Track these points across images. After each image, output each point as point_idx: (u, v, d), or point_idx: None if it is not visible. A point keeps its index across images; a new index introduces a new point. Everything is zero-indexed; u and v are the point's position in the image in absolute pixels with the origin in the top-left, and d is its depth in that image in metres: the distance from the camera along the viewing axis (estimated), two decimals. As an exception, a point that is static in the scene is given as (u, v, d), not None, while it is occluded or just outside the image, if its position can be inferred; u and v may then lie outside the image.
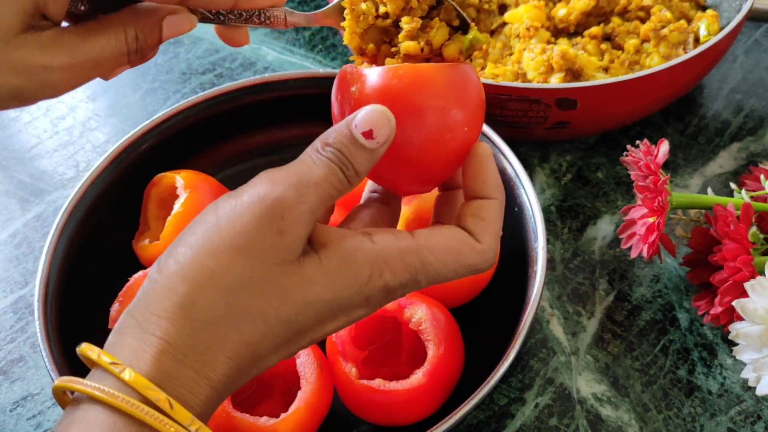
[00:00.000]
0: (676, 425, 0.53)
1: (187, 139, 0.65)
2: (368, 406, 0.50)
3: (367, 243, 0.34)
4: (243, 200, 0.33)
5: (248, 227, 0.32)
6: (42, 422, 0.56)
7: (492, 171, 0.37)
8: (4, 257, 0.67)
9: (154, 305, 0.31)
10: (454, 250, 0.35)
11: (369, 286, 0.34)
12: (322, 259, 0.33)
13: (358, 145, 0.34)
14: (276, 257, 0.32)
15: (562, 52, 0.67)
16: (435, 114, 0.35)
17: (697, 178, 0.69)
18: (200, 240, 0.32)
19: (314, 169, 0.33)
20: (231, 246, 0.32)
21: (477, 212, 0.37)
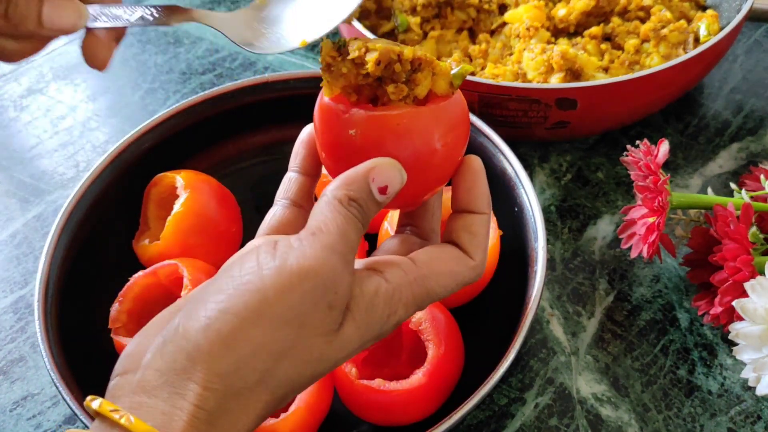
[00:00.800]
0: (676, 425, 0.53)
1: (187, 139, 0.65)
2: (368, 406, 0.50)
3: (382, 284, 0.35)
4: (292, 267, 0.32)
5: (299, 302, 0.32)
6: (42, 422, 0.56)
7: (484, 186, 0.39)
8: (4, 257, 0.67)
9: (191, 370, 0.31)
10: (453, 273, 0.37)
11: (387, 325, 0.35)
12: (355, 315, 0.34)
13: (374, 200, 0.35)
14: (323, 329, 0.33)
15: (562, 52, 0.67)
16: (430, 151, 0.36)
17: (697, 178, 0.69)
18: (244, 306, 0.31)
19: (350, 231, 0.34)
20: (279, 318, 0.31)
21: (469, 228, 0.38)
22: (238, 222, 0.61)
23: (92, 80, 0.84)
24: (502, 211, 0.58)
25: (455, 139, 0.37)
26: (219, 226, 0.59)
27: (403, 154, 0.35)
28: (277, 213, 0.40)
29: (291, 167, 0.41)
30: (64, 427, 0.56)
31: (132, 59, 0.85)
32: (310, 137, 0.40)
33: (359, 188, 0.34)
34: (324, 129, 0.37)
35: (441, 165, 0.37)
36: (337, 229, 0.33)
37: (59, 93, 0.82)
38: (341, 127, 0.36)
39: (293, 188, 0.40)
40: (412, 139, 0.35)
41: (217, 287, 0.32)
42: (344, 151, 0.36)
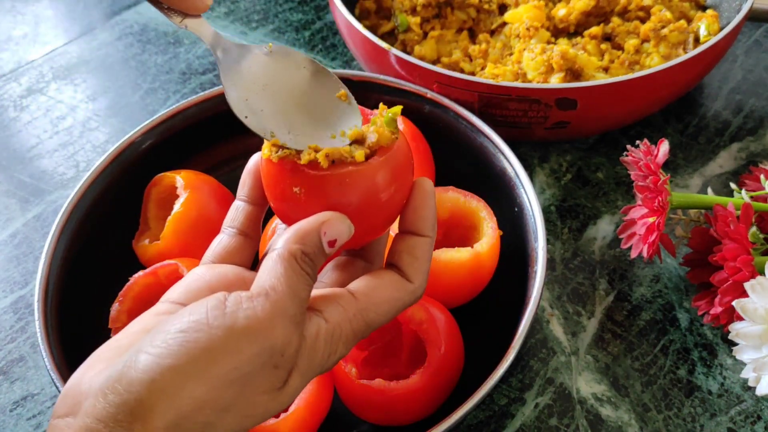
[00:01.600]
0: (676, 425, 0.53)
1: (187, 139, 0.65)
2: (368, 406, 0.50)
3: (322, 325, 0.35)
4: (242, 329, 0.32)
5: (246, 363, 0.32)
6: (42, 422, 0.56)
7: (431, 208, 0.39)
8: (4, 257, 0.67)
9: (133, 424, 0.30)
10: (392, 299, 0.37)
11: (327, 363, 0.35)
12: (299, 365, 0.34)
13: (324, 253, 0.36)
14: (268, 388, 0.33)
15: (562, 52, 0.67)
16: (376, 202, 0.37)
17: (697, 178, 0.69)
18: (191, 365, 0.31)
19: (301, 290, 0.34)
20: (225, 379, 0.31)
21: (411, 250, 0.38)
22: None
23: (92, 80, 0.84)
24: (502, 211, 0.58)
25: (400, 185, 0.38)
26: (219, 226, 0.58)
27: (349, 208, 0.36)
28: (223, 241, 0.41)
29: (238, 196, 0.41)
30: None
31: (132, 59, 0.85)
32: (257, 166, 0.41)
33: (312, 242, 0.35)
34: (269, 183, 0.38)
35: (386, 210, 0.38)
36: (289, 288, 0.33)
37: (59, 93, 0.82)
38: (286, 183, 0.37)
39: (240, 217, 0.41)
40: (357, 194, 0.36)
41: (163, 338, 0.31)
42: (290, 205, 0.37)
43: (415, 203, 0.39)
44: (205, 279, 0.38)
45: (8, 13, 0.94)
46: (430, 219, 0.39)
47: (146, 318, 0.36)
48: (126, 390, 0.30)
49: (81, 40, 0.89)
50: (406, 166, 0.38)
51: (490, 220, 0.55)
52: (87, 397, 0.31)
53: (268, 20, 0.89)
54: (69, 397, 0.32)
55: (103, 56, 0.86)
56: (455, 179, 0.59)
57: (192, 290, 0.37)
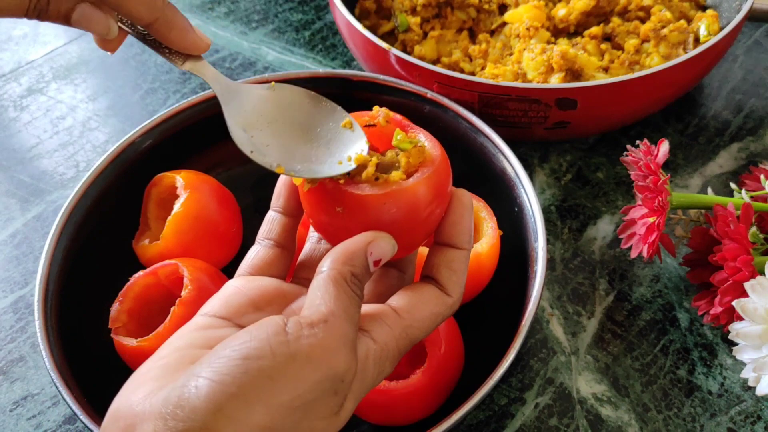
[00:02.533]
0: (676, 425, 0.53)
1: (187, 139, 0.65)
2: (368, 406, 0.50)
3: (372, 345, 0.35)
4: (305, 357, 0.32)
5: (309, 391, 0.32)
6: (42, 422, 0.56)
7: (469, 221, 0.39)
8: (4, 257, 0.67)
9: None
10: (433, 315, 0.37)
11: (376, 382, 0.36)
12: (354, 389, 0.34)
13: (369, 273, 0.36)
14: (326, 414, 0.33)
15: (562, 52, 0.67)
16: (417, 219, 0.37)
17: (697, 178, 0.69)
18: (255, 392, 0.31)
19: (354, 313, 0.34)
20: (288, 406, 0.31)
21: (450, 264, 0.38)
22: (238, 222, 0.61)
23: (92, 80, 0.84)
24: (502, 211, 0.58)
25: (440, 200, 0.38)
26: (219, 226, 0.59)
27: (391, 227, 0.37)
28: (259, 253, 0.40)
29: (273, 207, 0.41)
30: (64, 427, 0.56)
31: (132, 59, 0.85)
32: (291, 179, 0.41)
33: (359, 264, 0.35)
34: (309, 202, 0.38)
35: (427, 226, 0.38)
36: (345, 313, 0.34)
37: (59, 93, 0.82)
38: (328, 203, 0.37)
39: (276, 229, 0.41)
40: (399, 213, 0.37)
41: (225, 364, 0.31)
42: (332, 223, 0.38)
43: (453, 217, 0.39)
44: (244, 292, 0.38)
45: (8, 13, 0.94)
46: (467, 232, 0.39)
47: (189, 332, 0.35)
48: (189, 417, 0.30)
49: (81, 40, 0.89)
50: (445, 180, 0.39)
51: (490, 220, 0.55)
52: (144, 420, 0.30)
53: (268, 20, 0.89)
54: (121, 418, 0.31)
55: (103, 56, 0.86)
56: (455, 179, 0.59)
57: (232, 304, 0.37)
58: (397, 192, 0.36)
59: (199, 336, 0.35)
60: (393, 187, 0.36)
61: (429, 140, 0.40)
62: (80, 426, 0.56)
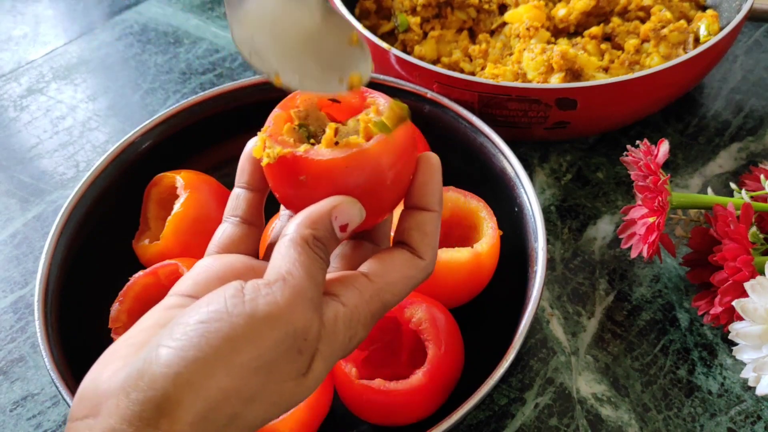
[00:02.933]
0: (676, 425, 0.53)
1: (187, 139, 0.65)
2: (368, 406, 0.50)
3: (340, 308, 0.34)
4: (263, 316, 0.31)
5: (270, 349, 0.31)
6: (42, 422, 0.56)
7: (438, 183, 0.38)
8: (4, 257, 0.67)
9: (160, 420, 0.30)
10: (405, 278, 0.37)
11: (349, 347, 0.35)
12: (322, 350, 0.34)
13: (336, 238, 0.35)
14: (293, 374, 0.33)
15: (562, 52, 0.67)
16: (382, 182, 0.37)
17: (697, 178, 0.69)
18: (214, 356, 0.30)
19: (317, 273, 0.34)
20: (250, 367, 0.31)
21: (420, 227, 0.38)
22: (238, 222, 0.61)
23: (92, 80, 0.84)
24: (502, 211, 0.58)
25: (406, 163, 0.37)
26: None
27: (356, 191, 0.36)
28: (227, 230, 0.40)
29: (237, 183, 0.41)
30: (64, 427, 0.56)
31: (132, 59, 0.85)
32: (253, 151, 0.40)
33: (323, 227, 0.35)
34: (272, 174, 0.38)
35: (394, 190, 0.38)
36: (306, 272, 0.33)
37: (59, 93, 0.82)
38: (290, 173, 0.36)
39: (242, 205, 0.40)
40: (363, 176, 0.36)
41: (183, 330, 0.31)
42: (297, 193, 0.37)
43: (421, 178, 0.38)
44: (213, 270, 0.37)
45: (8, 13, 0.94)
46: (437, 193, 0.38)
47: (157, 312, 0.35)
48: (149, 386, 0.30)
49: (81, 40, 0.89)
50: (408, 141, 0.38)
51: (490, 220, 0.55)
52: (108, 397, 0.31)
53: (268, 20, 0.89)
54: (87, 399, 0.32)
55: (103, 56, 0.86)
56: (455, 179, 0.59)
57: (200, 282, 0.36)
58: (358, 154, 0.35)
59: (165, 315, 0.35)
60: (354, 150, 0.35)
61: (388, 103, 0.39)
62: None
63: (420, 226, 0.38)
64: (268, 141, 0.37)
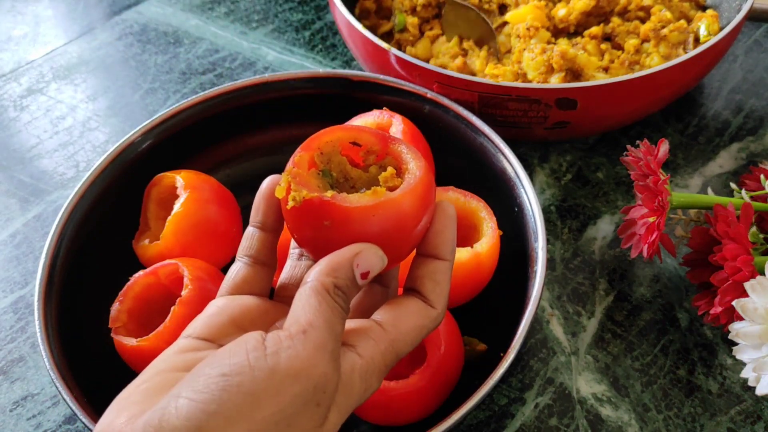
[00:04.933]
0: (676, 425, 0.53)
1: (187, 139, 0.65)
2: (368, 406, 0.50)
3: (357, 360, 0.35)
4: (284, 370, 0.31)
5: (290, 404, 0.31)
6: (42, 422, 0.56)
7: (452, 233, 0.39)
8: (4, 257, 0.67)
9: None
10: (418, 327, 0.37)
11: (363, 398, 0.35)
12: (338, 402, 0.34)
13: (357, 285, 0.35)
14: (308, 426, 0.32)
15: (562, 52, 0.67)
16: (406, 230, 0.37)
17: (697, 178, 0.69)
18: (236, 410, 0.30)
19: (336, 324, 0.34)
20: (269, 421, 0.31)
21: (433, 275, 0.38)
22: (238, 222, 0.61)
23: (92, 80, 0.84)
24: (502, 211, 0.58)
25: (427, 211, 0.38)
26: (219, 226, 0.59)
27: (379, 239, 0.36)
28: (240, 271, 0.40)
29: (252, 222, 0.41)
30: (64, 427, 0.56)
31: (132, 59, 0.85)
32: (269, 191, 0.40)
33: (344, 275, 0.35)
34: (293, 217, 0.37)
35: (415, 238, 0.38)
36: (326, 324, 0.33)
37: (59, 93, 0.82)
38: (314, 217, 0.36)
39: (255, 245, 0.40)
40: (388, 225, 0.36)
41: (205, 383, 0.31)
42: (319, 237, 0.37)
43: (437, 227, 0.38)
44: (227, 312, 0.37)
45: (8, 13, 0.94)
46: (451, 243, 0.39)
47: (171, 356, 0.35)
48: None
49: (81, 40, 0.89)
50: (430, 191, 0.38)
51: (490, 220, 0.55)
52: None
53: (268, 20, 0.89)
54: None
55: (103, 56, 0.86)
56: (455, 179, 0.59)
57: (214, 325, 0.37)
58: (385, 203, 0.36)
59: (180, 359, 0.34)
60: (381, 199, 0.36)
61: (411, 152, 0.39)
62: (80, 426, 0.56)
63: (432, 274, 0.38)
64: (294, 184, 0.36)
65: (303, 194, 0.36)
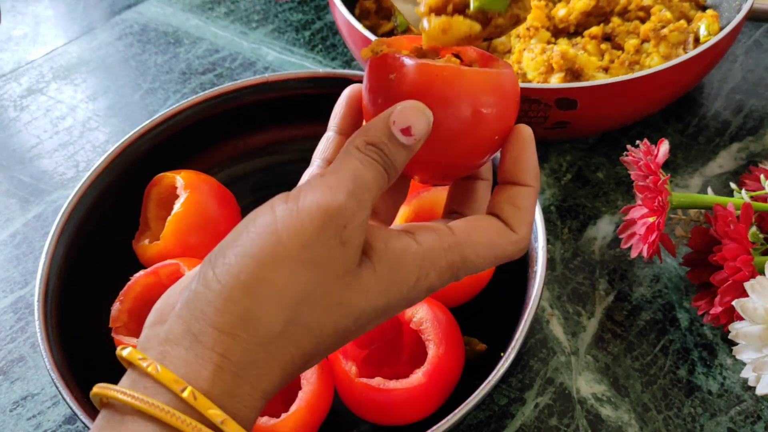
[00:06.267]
0: (676, 425, 0.53)
1: (187, 139, 0.65)
2: (368, 406, 0.50)
3: (412, 244, 0.33)
4: (303, 207, 0.31)
5: (312, 239, 0.31)
6: (42, 422, 0.56)
7: (533, 157, 0.36)
8: (4, 257, 0.67)
9: (212, 316, 0.30)
10: (493, 244, 0.35)
11: (416, 289, 0.34)
12: (375, 265, 0.33)
13: (398, 143, 0.33)
14: (339, 269, 0.32)
15: (562, 52, 0.67)
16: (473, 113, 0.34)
17: (697, 178, 0.69)
18: (260, 250, 0.31)
19: (365, 172, 0.33)
20: (295, 259, 0.31)
21: (513, 200, 0.36)
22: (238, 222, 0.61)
23: (92, 80, 0.84)
24: (502, 211, 0.58)
25: (503, 107, 0.35)
26: (219, 226, 0.59)
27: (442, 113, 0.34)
28: (313, 173, 0.39)
29: (330, 127, 0.39)
30: (64, 427, 0.56)
31: (132, 59, 0.85)
32: (351, 96, 0.39)
33: (378, 132, 0.33)
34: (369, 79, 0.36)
35: (483, 131, 0.35)
36: (349, 171, 0.32)
37: (59, 93, 0.82)
38: (384, 71, 0.34)
39: (330, 149, 0.39)
40: (453, 96, 0.33)
41: (235, 236, 0.32)
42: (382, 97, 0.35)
43: (514, 152, 0.36)
44: None
45: (8, 13, 0.94)
46: (532, 168, 0.36)
47: None
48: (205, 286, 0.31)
49: (81, 40, 0.89)
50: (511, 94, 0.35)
51: (490, 220, 0.55)
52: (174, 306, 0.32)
53: (268, 20, 0.89)
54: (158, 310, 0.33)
55: (103, 56, 0.86)
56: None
57: None
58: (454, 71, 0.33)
59: None
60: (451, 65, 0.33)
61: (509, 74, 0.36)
62: (80, 426, 0.56)
63: (512, 199, 0.36)
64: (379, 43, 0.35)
65: (383, 48, 0.34)
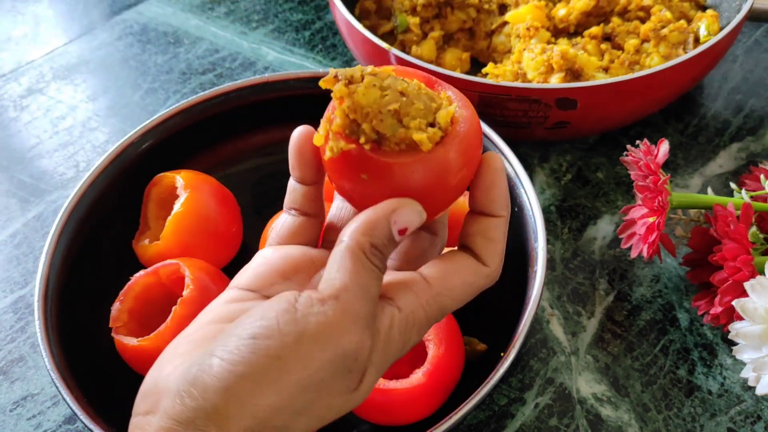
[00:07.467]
0: (676, 425, 0.53)
1: (187, 139, 0.65)
2: (368, 406, 0.50)
3: (396, 314, 0.34)
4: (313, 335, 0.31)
5: (319, 369, 0.31)
6: (42, 422, 0.56)
7: (503, 187, 0.37)
8: (4, 257, 0.67)
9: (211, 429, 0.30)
10: (466, 284, 0.36)
11: (402, 352, 0.35)
12: (374, 361, 0.33)
13: (394, 242, 0.34)
14: (342, 391, 0.32)
15: (562, 52, 0.67)
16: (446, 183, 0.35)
17: (697, 178, 0.69)
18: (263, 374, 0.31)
19: (371, 287, 0.33)
20: (299, 385, 0.31)
21: (485, 233, 0.36)
22: (238, 222, 0.61)
23: (92, 80, 0.84)
24: (502, 211, 0.58)
25: (470, 164, 0.36)
26: (219, 226, 0.59)
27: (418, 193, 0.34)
28: (286, 223, 0.39)
29: (292, 176, 0.40)
30: (64, 427, 0.56)
31: (132, 59, 0.85)
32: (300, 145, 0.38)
33: (381, 234, 0.33)
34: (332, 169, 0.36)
35: (456, 190, 0.36)
36: (359, 288, 0.32)
37: (59, 93, 0.82)
38: (352, 170, 0.34)
39: (298, 199, 0.39)
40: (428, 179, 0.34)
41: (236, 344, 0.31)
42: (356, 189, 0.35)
43: (485, 183, 0.36)
44: (272, 262, 0.37)
45: (8, 13, 0.94)
46: (503, 198, 0.37)
47: (217, 306, 0.35)
48: (201, 396, 0.30)
49: (81, 40, 0.89)
50: (476, 144, 0.36)
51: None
52: (165, 397, 0.31)
53: (268, 20, 0.89)
54: (150, 395, 0.32)
55: (103, 56, 0.86)
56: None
57: (259, 275, 0.36)
58: (425, 158, 0.34)
59: (225, 309, 0.35)
60: (422, 152, 0.34)
61: (459, 99, 0.36)
62: (80, 426, 0.56)
63: (485, 231, 0.36)
64: (332, 134, 0.34)
65: (341, 145, 0.34)
